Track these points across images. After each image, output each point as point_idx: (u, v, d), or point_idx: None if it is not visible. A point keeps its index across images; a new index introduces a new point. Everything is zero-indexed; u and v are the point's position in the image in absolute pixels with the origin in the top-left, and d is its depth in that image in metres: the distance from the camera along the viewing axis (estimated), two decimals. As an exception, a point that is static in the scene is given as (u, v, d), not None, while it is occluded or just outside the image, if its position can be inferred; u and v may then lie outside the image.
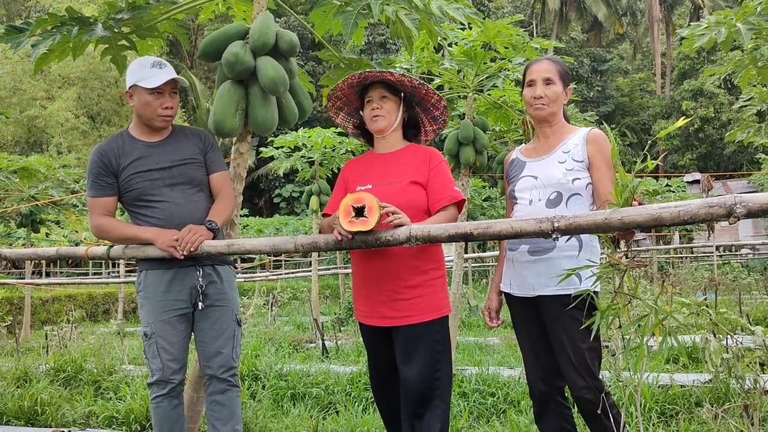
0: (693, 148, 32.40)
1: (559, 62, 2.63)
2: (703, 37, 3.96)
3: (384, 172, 2.67)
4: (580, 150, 2.51)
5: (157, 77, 2.67)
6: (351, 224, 2.25)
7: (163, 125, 2.76)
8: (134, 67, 2.71)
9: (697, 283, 12.14)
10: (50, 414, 4.35)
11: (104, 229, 2.73)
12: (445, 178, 2.63)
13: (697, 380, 4.27)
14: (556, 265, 2.43)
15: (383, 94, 2.69)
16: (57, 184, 10.08)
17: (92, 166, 2.72)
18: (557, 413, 2.58)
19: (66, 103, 24.96)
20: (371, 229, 2.24)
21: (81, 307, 12.75)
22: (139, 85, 2.67)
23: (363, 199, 2.27)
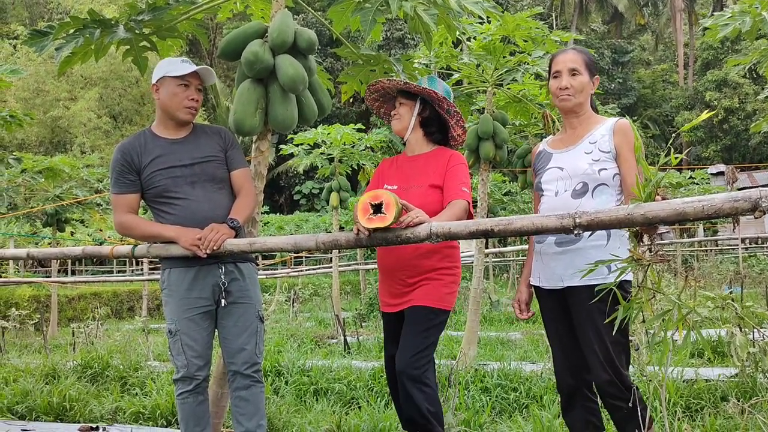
0: (717, 140, 31.90)
1: (585, 52, 2.61)
2: (727, 27, 3.90)
3: (409, 175, 2.86)
4: (607, 140, 2.49)
5: (186, 68, 2.74)
6: (369, 221, 2.27)
7: (188, 117, 2.79)
8: (163, 63, 2.78)
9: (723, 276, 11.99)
10: (78, 410, 4.43)
11: (127, 227, 2.77)
12: (456, 179, 2.76)
13: (722, 374, 4.22)
14: (583, 256, 2.41)
15: (400, 98, 2.90)
16: (81, 184, 10.23)
17: (115, 163, 2.77)
18: (584, 407, 2.56)
19: (88, 103, 25.31)
20: (389, 225, 2.26)
21: (106, 304, 12.95)
22: (168, 76, 2.73)
23: (380, 196, 2.29)
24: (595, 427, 2.56)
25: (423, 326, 2.73)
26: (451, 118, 2.89)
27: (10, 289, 11.79)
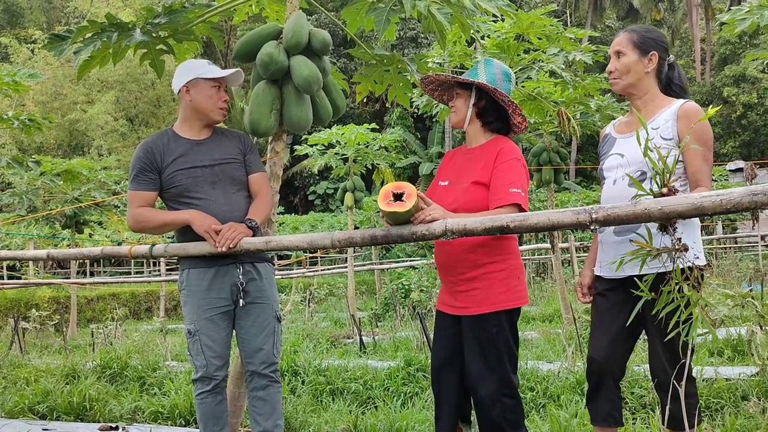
0: (735, 136, 31.51)
1: (636, 30, 2.53)
2: (744, 22, 3.85)
3: (461, 169, 2.68)
4: (670, 127, 2.39)
5: (218, 71, 2.78)
6: (388, 205, 2.28)
7: (220, 118, 2.84)
8: (189, 65, 2.82)
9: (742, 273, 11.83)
10: (98, 409, 4.48)
11: (141, 219, 2.77)
12: (505, 176, 2.51)
13: (743, 373, 4.17)
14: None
15: (456, 89, 2.72)
16: (99, 186, 10.34)
17: (137, 161, 2.79)
18: (608, 399, 2.49)
19: (105, 106, 25.57)
20: (406, 213, 2.26)
21: (124, 305, 13.07)
22: (202, 78, 2.76)
23: (403, 186, 2.31)
24: (615, 420, 2.52)
25: (483, 340, 2.55)
26: (508, 106, 2.66)
27: (31, 291, 11.94)
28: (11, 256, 4.37)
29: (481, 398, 2.54)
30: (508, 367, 2.55)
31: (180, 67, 2.84)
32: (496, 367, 2.53)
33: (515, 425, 2.54)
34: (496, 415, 2.51)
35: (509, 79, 2.69)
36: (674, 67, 2.55)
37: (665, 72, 2.52)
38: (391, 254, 20.97)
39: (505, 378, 2.53)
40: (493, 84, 2.62)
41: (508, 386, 2.54)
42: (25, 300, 11.32)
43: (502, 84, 2.65)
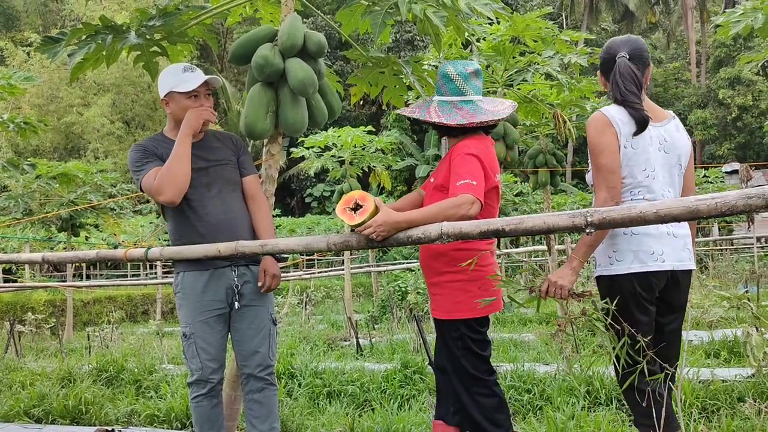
0: (731, 138, 31.62)
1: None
2: (739, 24, 3.86)
3: (438, 169, 2.75)
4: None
5: (192, 81, 2.73)
6: (342, 212, 2.37)
7: (203, 127, 2.81)
8: (167, 75, 2.77)
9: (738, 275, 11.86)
10: (94, 413, 4.46)
11: (164, 181, 2.63)
12: (454, 173, 2.52)
13: (739, 375, 4.17)
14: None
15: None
16: (95, 189, 10.31)
17: (135, 155, 2.76)
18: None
19: (101, 109, 25.54)
20: (355, 224, 2.34)
21: (121, 308, 13.03)
22: (176, 91, 2.73)
23: (365, 200, 2.36)
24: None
25: (447, 341, 2.69)
26: (443, 116, 2.62)
27: (27, 294, 11.90)
28: (6, 260, 4.35)
29: (458, 395, 2.65)
30: (473, 370, 2.63)
31: (160, 76, 2.81)
32: (459, 368, 2.64)
33: (495, 423, 2.61)
34: (473, 413, 2.61)
35: (449, 78, 2.67)
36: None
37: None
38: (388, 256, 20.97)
39: (472, 378, 2.63)
40: (439, 93, 2.69)
41: (477, 385, 2.63)
42: (21, 303, 11.28)
43: (445, 88, 2.68)
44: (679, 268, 2.40)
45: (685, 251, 2.43)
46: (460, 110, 2.64)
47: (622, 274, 2.37)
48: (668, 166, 2.42)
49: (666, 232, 2.38)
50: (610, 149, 2.34)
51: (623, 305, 2.33)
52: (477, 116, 2.62)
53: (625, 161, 2.37)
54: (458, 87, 2.67)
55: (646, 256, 2.35)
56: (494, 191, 2.65)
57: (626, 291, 2.36)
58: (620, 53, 2.45)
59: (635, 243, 2.36)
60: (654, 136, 2.40)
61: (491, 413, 2.62)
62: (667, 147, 2.43)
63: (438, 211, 2.35)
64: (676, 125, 2.49)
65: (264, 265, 2.79)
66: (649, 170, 2.38)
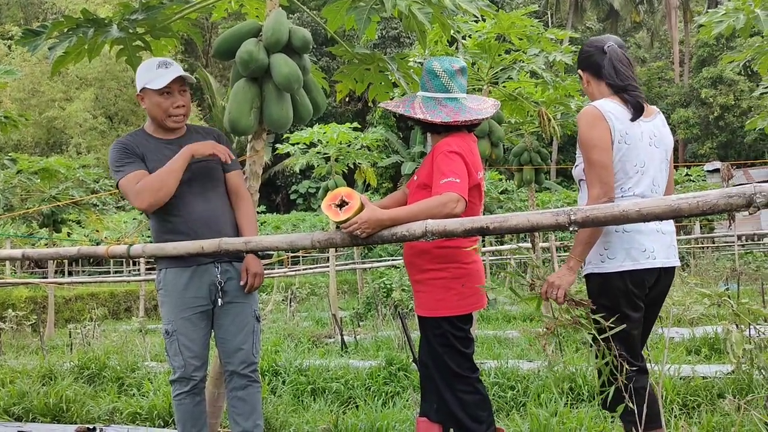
0: (713, 137, 31.96)
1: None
2: (721, 24, 3.90)
3: (422, 167, 2.74)
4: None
5: (163, 77, 2.69)
6: (328, 208, 2.37)
7: (175, 125, 2.78)
8: (142, 70, 2.75)
9: (719, 273, 12.01)
10: (75, 411, 4.42)
11: (146, 188, 2.60)
12: (437, 172, 2.51)
13: (719, 371, 4.23)
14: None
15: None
16: (77, 185, 10.22)
17: (115, 152, 2.73)
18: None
19: (84, 104, 25.28)
20: (340, 221, 2.34)
21: (103, 305, 12.93)
22: (148, 87, 2.70)
23: (351, 197, 2.35)
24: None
25: (429, 338, 2.70)
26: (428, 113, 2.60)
27: (7, 291, 11.76)
28: (-15, 256, 4.29)
29: (440, 392, 2.66)
30: (455, 367, 2.64)
31: (137, 71, 2.79)
32: (442, 365, 2.65)
33: (477, 420, 2.62)
34: (456, 410, 2.62)
35: (435, 75, 2.65)
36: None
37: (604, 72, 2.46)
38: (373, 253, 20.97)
39: (455, 375, 2.64)
40: (423, 89, 2.68)
41: (460, 383, 2.64)
42: (1, 300, 11.14)
43: (431, 84, 2.66)
44: (667, 265, 2.41)
45: (671, 248, 2.44)
46: (444, 107, 2.63)
47: (614, 271, 2.36)
48: (658, 160, 2.43)
49: (655, 228, 2.39)
50: (603, 144, 2.32)
51: (615, 303, 2.34)
52: (461, 114, 2.61)
53: (619, 157, 2.35)
54: (444, 84, 2.65)
55: (638, 253, 2.35)
56: (477, 189, 2.65)
57: (618, 289, 2.36)
58: (608, 43, 2.46)
59: (627, 240, 2.36)
60: (645, 131, 2.40)
61: (474, 410, 2.63)
62: (657, 142, 2.43)
63: (423, 209, 2.35)
64: (662, 120, 2.51)
65: (246, 263, 2.78)
66: (639, 165, 2.38)
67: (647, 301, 2.45)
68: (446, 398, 2.64)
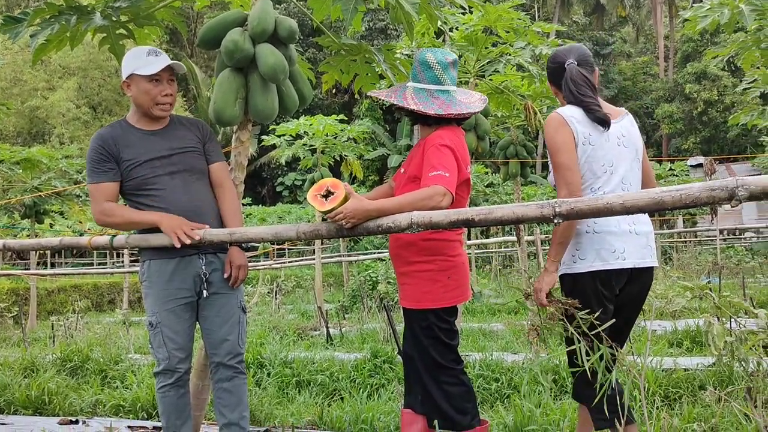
0: (696, 132, 32.26)
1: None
2: (705, 19, 3.92)
3: (410, 159, 2.73)
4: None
5: (154, 64, 2.67)
6: (314, 198, 2.36)
7: (162, 114, 2.75)
8: (130, 57, 2.72)
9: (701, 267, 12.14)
10: (57, 403, 4.39)
11: (108, 214, 2.69)
12: (427, 164, 2.51)
13: (700, 364, 4.28)
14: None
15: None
16: (60, 175, 10.10)
17: (93, 152, 2.71)
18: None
19: (67, 93, 24.95)
20: (325, 210, 2.33)
21: (86, 297, 12.82)
22: (137, 74, 2.67)
23: (337, 187, 2.34)
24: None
25: (415, 331, 2.70)
26: (420, 104, 2.60)
27: (-12, 282, 11.63)
28: (-34, 247, 4.23)
29: (424, 384, 2.67)
30: (440, 359, 2.65)
31: (123, 59, 2.76)
32: (427, 357, 2.65)
33: (461, 411, 2.63)
34: (440, 402, 2.63)
35: (428, 66, 2.65)
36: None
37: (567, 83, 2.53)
38: (359, 246, 20.98)
39: (440, 367, 2.65)
40: (415, 80, 2.67)
41: (445, 374, 2.65)
42: (-18, 291, 11.02)
43: (423, 75, 2.65)
44: (639, 265, 2.45)
45: (647, 249, 2.48)
46: (436, 99, 2.63)
47: (584, 272, 2.42)
48: (628, 160, 2.48)
49: (628, 230, 2.43)
50: (567, 147, 2.39)
51: (585, 302, 2.38)
52: (452, 107, 2.61)
53: (584, 158, 2.41)
54: (437, 75, 2.65)
55: (607, 254, 2.40)
56: (466, 183, 2.67)
57: (588, 288, 2.42)
58: (568, 60, 2.53)
59: (597, 241, 2.41)
60: (612, 133, 2.45)
61: (458, 402, 2.63)
62: (626, 141, 2.48)
63: (409, 201, 2.35)
64: (630, 121, 2.56)
65: (231, 255, 2.76)
66: (607, 165, 2.43)
67: (620, 301, 2.50)
68: (431, 390, 2.65)
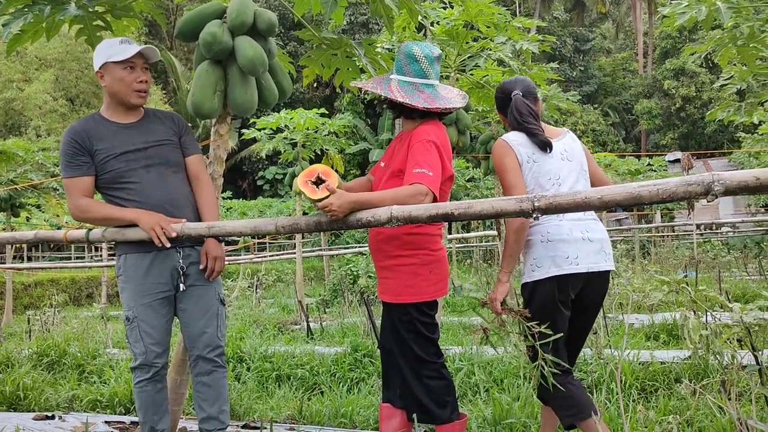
0: (675, 128, 32.62)
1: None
2: (684, 15, 3.96)
3: (393, 153, 2.72)
4: None
5: (127, 51, 2.64)
6: (304, 185, 2.33)
7: (138, 101, 2.72)
8: (102, 47, 2.69)
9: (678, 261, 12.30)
10: (33, 398, 4.33)
11: (85, 210, 2.66)
12: (412, 159, 2.51)
13: (676, 357, 4.33)
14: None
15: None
16: (36, 168, 9.95)
17: (66, 146, 2.67)
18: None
19: (44, 85, 24.54)
20: (318, 199, 2.29)
21: (64, 291, 12.67)
22: (110, 61, 2.64)
23: (329, 175, 2.32)
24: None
25: (396, 325, 2.69)
26: (407, 97, 2.58)
27: (-38, 277, 11.43)
28: (-62, 240, 4.15)
29: (405, 378, 2.67)
30: (421, 353, 2.65)
31: (96, 50, 2.72)
32: (408, 351, 2.66)
33: (442, 405, 2.65)
34: (421, 396, 2.64)
35: (415, 59, 2.64)
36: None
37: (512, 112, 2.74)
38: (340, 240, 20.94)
39: (421, 361, 2.65)
40: (399, 73, 2.65)
41: (426, 368, 2.66)
42: (-44, 286, 10.84)
43: (409, 68, 2.64)
44: (593, 269, 2.60)
45: (601, 254, 2.63)
46: (422, 93, 2.62)
47: (542, 278, 2.59)
48: (575, 172, 2.67)
49: (581, 237, 2.60)
50: (511, 167, 2.62)
51: (543, 307, 2.59)
52: (436, 102, 2.62)
53: (531, 174, 2.62)
54: (423, 69, 2.64)
55: (561, 260, 2.58)
56: (449, 179, 2.67)
57: (546, 294, 2.59)
58: (515, 91, 2.74)
59: (551, 249, 2.59)
60: (555, 149, 2.66)
61: (439, 395, 2.64)
62: (569, 156, 2.69)
63: (391, 197, 2.35)
64: (572, 137, 2.78)
65: (206, 247, 2.73)
66: (554, 179, 2.63)
67: (578, 305, 2.66)
68: (411, 384, 2.65)
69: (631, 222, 21.17)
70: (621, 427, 2.99)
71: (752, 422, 2.31)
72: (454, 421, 2.66)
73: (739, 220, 15.83)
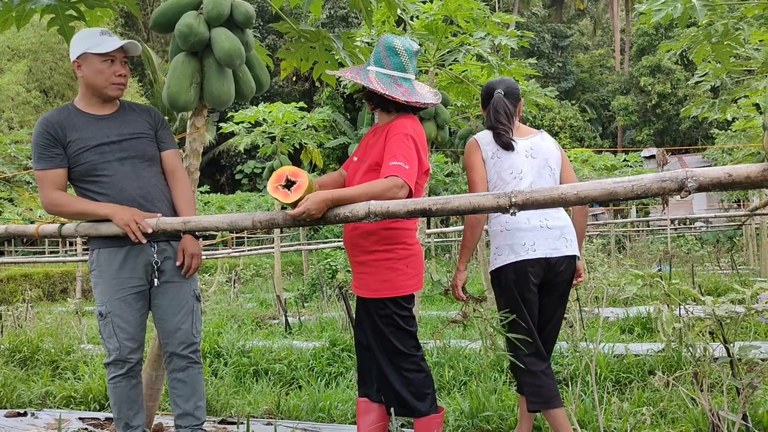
0: (650, 124, 33.01)
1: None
2: (660, 13, 3.99)
3: (368, 147, 2.71)
4: None
5: (109, 43, 2.59)
6: (275, 190, 2.31)
7: (116, 94, 2.67)
8: (82, 35, 2.63)
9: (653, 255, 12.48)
10: (5, 395, 4.26)
11: (57, 204, 2.62)
12: (389, 152, 2.50)
13: (650, 349, 4.40)
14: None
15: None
16: (8, 161, 9.76)
17: (38, 137, 2.61)
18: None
19: (16, 76, 24.06)
20: (290, 203, 2.29)
21: (37, 286, 12.47)
22: (90, 53, 2.59)
23: (298, 175, 2.30)
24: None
25: (374, 320, 2.67)
26: (387, 89, 2.56)
27: (-68, 271, 11.20)
28: None
29: (383, 373, 2.67)
30: (400, 346, 2.65)
31: (73, 38, 2.66)
32: (387, 345, 2.66)
33: (421, 398, 2.65)
34: (400, 389, 2.64)
35: (395, 52, 2.62)
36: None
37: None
38: (319, 235, 20.89)
39: (400, 354, 2.65)
40: (378, 65, 2.62)
41: (406, 361, 2.66)
42: (-75, 281, 10.61)
43: (388, 61, 2.62)
44: (550, 255, 2.74)
45: (561, 240, 2.77)
46: (399, 87, 2.61)
47: (502, 265, 2.77)
48: (537, 168, 2.82)
49: (539, 225, 2.75)
50: (477, 165, 2.83)
51: (508, 293, 2.75)
52: (413, 96, 2.61)
53: (494, 169, 2.80)
54: (402, 63, 2.63)
55: (519, 247, 2.74)
56: (425, 173, 2.68)
57: (507, 279, 2.76)
58: (497, 90, 2.89)
59: (509, 237, 2.76)
60: (520, 146, 2.84)
61: (418, 388, 2.64)
62: (534, 153, 2.84)
63: (366, 192, 2.34)
64: (542, 137, 2.93)
65: (183, 244, 2.70)
66: (516, 173, 2.78)
67: (543, 291, 2.80)
68: (390, 377, 2.65)
69: (608, 217, 21.40)
70: (596, 419, 3.03)
71: (723, 413, 2.36)
72: (432, 414, 2.67)
73: (712, 216, 16.08)
